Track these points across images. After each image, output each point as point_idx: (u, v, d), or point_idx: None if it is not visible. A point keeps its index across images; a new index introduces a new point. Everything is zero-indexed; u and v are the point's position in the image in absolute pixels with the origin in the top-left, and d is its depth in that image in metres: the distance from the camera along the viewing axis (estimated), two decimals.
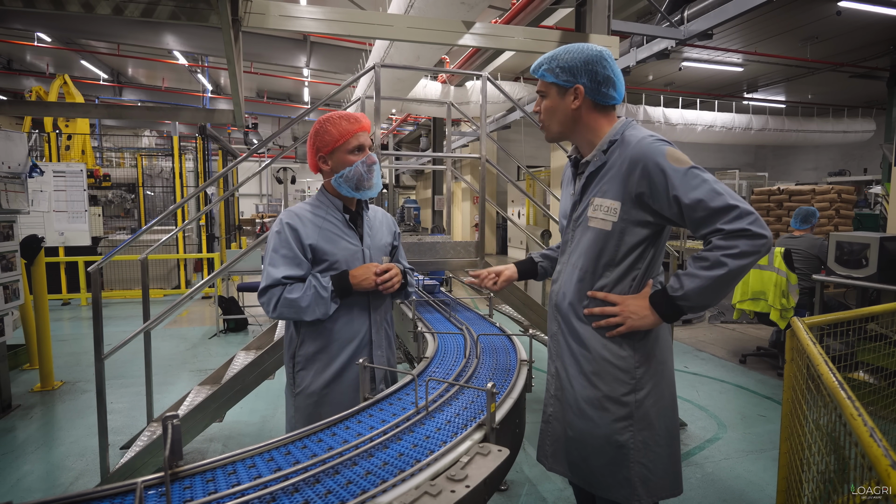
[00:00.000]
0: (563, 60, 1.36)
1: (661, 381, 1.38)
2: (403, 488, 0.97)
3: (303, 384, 1.68)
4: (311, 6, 3.76)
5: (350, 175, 1.66)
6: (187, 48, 8.81)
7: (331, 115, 1.69)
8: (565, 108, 1.39)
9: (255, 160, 19.57)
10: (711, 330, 6.18)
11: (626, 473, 1.35)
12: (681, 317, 1.33)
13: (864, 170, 13.71)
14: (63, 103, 7.44)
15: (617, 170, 1.34)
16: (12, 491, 2.69)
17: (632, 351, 1.36)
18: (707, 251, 1.24)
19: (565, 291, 1.45)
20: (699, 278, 1.24)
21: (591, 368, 1.38)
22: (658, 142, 1.30)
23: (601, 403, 1.36)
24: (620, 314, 1.33)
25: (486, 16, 7.65)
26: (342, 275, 1.63)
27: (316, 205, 1.73)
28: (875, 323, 2.24)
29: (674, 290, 1.28)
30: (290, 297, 1.57)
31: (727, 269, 1.20)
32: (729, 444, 3.23)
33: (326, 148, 1.66)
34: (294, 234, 1.62)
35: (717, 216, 1.21)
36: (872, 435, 1.00)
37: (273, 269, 1.59)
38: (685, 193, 1.23)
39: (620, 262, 1.36)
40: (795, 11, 7.62)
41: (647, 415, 1.35)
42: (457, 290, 8.58)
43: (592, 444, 1.38)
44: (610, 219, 1.34)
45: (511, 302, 3.16)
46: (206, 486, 0.99)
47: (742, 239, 1.19)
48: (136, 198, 9.34)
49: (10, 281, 3.58)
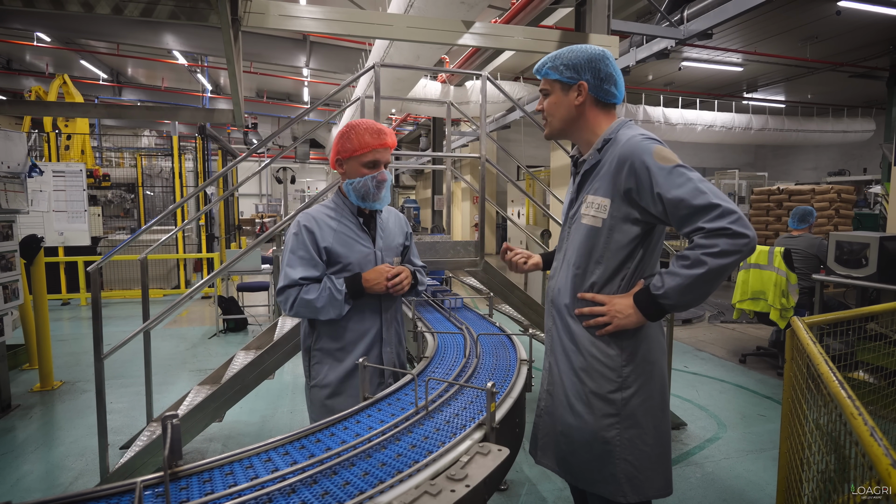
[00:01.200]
0: (567, 58, 1.40)
1: (649, 380, 1.39)
2: (403, 488, 0.97)
3: (318, 377, 1.75)
4: (311, 6, 3.76)
5: (358, 186, 1.72)
6: (187, 48, 8.80)
7: (359, 123, 1.71)
8: (569, 103, 1.42)
9: (255, 160, 19.56)
10: (711, 330, 6.18)
11: (612, 469, 1.36)
12: (664, 315, 1.33)
13: (863, 170, 13.71)
14: (63, 103, 7.43)
15: (608, 168, 1.36)
16: (12, 491, 2.69)
17: (619, 350, 1.37)
18: (688, 249, 1.25)
19: (560, 288, 1.48)
20: (679, 276, 1.25)
21: (580, 365, 1.40)
22: (647, 140, 1.32)
23: (588, 399, 1.38)
24: (607, 313, 1.35)
25: (485, 15, 7.65)
26: (355, 278, 1.70)
27: (332, 207, 1.79)
28: (875, 322, 2.24)
29: (656, 288, 1.29)
30: (306, 297, 1.64)
31: (707, 268, 1.20)
32: (729, 443, 3.23)
33: (345, 153, 1.71)
34: (311, 236, 1.69)
35: (699, 214, 1.22)
36: (873, 434, 1.00)
37: (290, 269, 1.66)
38: (668, 191, 1.24)
39: (610, 260, 1.37)
40: (795, 11, 7.62)
41: (633, 413, 1.36)
42: (457, 290, 8.57)
43: (579, 439, 1.40)
44: (600, 216, 1.36)
45: (511, 302, 3.16)
46: (203, 486, 0.99)
47: (723, 238, 1.19)
48: (136, 198, 9.34)
49: (10, 281, 3.58)
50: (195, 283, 9.16)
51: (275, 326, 3.16)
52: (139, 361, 3.15)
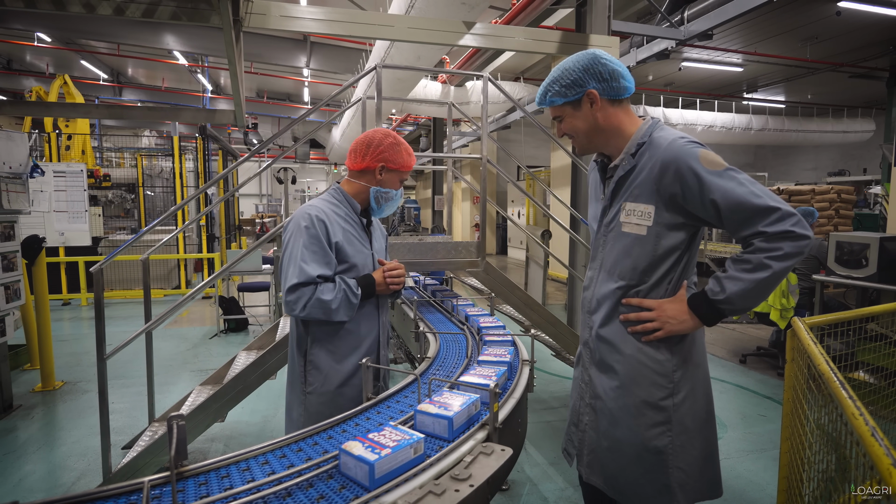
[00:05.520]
0: (565, 79, 1.34)
1: (697, 384, 1.36)
2: (407, 487, 0.97)
3: (315, 384, 1.67)
4: (312, 6, 3.76)
5: (387, 195, 1.75)
6: (187, 48, 8.81)
7: (402, 141, 1.76)
8: (587, 116, 1.36)
9: (255, 160, 19.57)
10: (711, 330, 6.19)
11: (665, 480, 1.32)
12: (721, 320, 1.31)
13: (863, 170, 13.71)
14: (63, 103, 7.45)
15: (648, 173, 1.31)
16: (14, 491, 2.69)
17: (669, 354, 1.33)
18: (749, 253, 1.22)
19: (599, 299, 1.42)
20: (742, 281, 1.22)
21: (626, 374, 1.35)
22: (690, 144, 1.28)
23: (638, 410, 1.33)
24: (657, 319, 1.31)
25: (486, 16, 7.66)
26: (368, 279, 1.68)
27: (336, 203, 1.73)
28: (875, 323, 2.24)
29: (714, 293, 1.26)
30: (323, 298, 1.55)
31: (771, 272, 1.19)
32: (729, 443, 3.24)
33: (393, 164, 1.71)
34: (324, 230, 1.62)
35: (758, 218, 1.20)
36: (874, 434, 1.00)
37: (305, 265, 1.56)
38: (722, 197, 1.21)
39: (658, 267, 1.33)
40: (795, 11, 7.63)
41: (683, 418, 1.33)
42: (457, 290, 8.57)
43: (629, 453, 1.35)
44: (644, 223, 1.32)
45: (512, 302, 3.17)
46: (199, 489, 1.00)
47: (786, 241, 1.18)
48: (136, 198, 9.34)
49: (12, 281, 3.58)
50: (196, 283, 9.18)
51: (276, 327, 3.16)
52: (140, 361, 3.15)
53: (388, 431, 1.09)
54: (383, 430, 1.10)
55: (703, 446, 1.36)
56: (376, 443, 1.03)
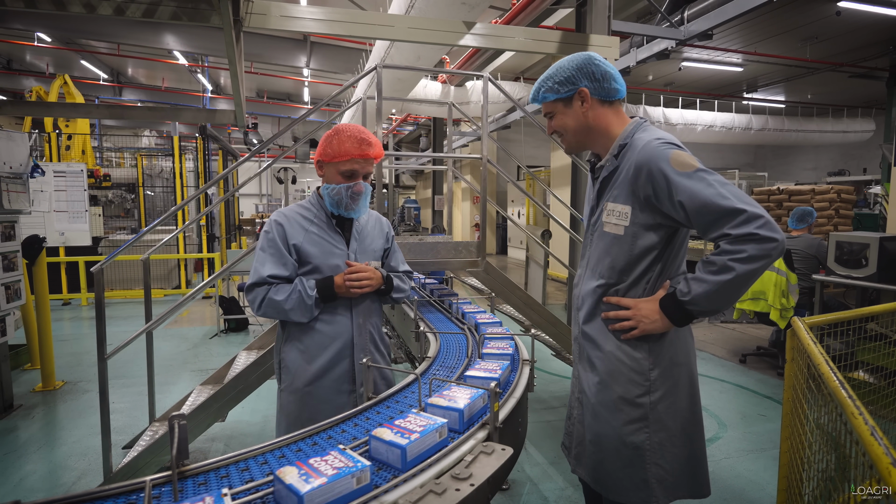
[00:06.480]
0: (558, 76, 1.37)
1: (679, 383, 1.37)
2: (408, 487, 0.97)
3: (286, 381, 1.71)
4: (312, 6, 3.77)
5: (332, 193, 1.68)
6: (188, 48, 8.80)
7: (346, 128, 1.66)
8: (576, 113, 1.38)
9: (255, 160, 19.55)
10: (711, 330, 6.19)
11: (643, 475, 1.34)
12: (691, 321, 1.32)
13: (863, 170, 13.70)
14: (64, 103, 7.45)
15: (625, 174, 1.33)
16: (15, 490, 2.70)
17: (646, 353, 1.35)
18: (715, 255, 1.23)
19: (584, 296, 1.47)
20: (706, 283, 1.24)
21: (605, 370, 1.38)
22: (664, 145, 1.29)
23: (616, 405, 1.36)
24: (633, 318, 1.33)
25: (486, 16, 7.65)
26: (327, 281, 1.66)
27: (307, 206, 1.75)
28: (875, 323, 2.24)
29: (682, 294, 1.28)
30: (275, 298, 1.61)
31: (735, 274, 1.19)
32: (729, 443, 3.24)
33: (325, 157, 1.68)
34: (281, 233, 1.66)
35: (724, 220, 1.20)
36: (873, 433, 1.01)
37: (260, 266, 1.63)
38: (689, 198, 1.22)
39: (635, 266, 1.35)
40: (795, 11, 7.63)
41: (661, 417, 1.35)
42: (457, 290, 8.57)
43: (608, 447, 1.38)
44: (622, 223, 1.34)
45: (512, 302, 3.17)
46: (199, 489, 1.00)
47: (750, 243, 1.17)
48: (137, 198, 9.35)
49: (12, 281, 3.59)
50: (196, 283, 9.18)
51: (276, 327, 3.16)
52: (140, 361, 3.15)
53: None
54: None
55: (687, 445, 1.37)
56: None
